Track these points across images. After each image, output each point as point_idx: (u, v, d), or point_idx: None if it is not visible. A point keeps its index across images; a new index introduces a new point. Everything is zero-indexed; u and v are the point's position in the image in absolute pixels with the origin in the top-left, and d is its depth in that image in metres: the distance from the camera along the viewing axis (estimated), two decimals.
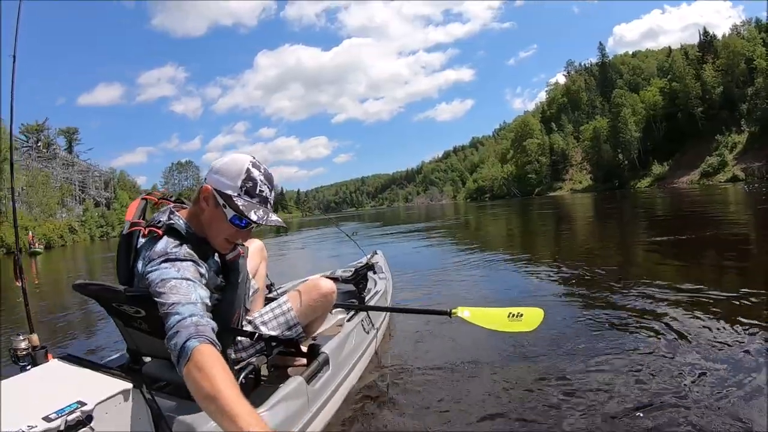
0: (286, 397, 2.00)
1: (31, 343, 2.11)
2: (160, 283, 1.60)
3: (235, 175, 1.81)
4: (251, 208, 1.80)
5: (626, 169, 78.65)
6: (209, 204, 1.82)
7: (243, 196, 1.80)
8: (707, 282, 4.64)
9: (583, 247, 9.51)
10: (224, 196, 1.79)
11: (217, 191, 1.80)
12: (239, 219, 1.81)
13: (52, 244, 48.40)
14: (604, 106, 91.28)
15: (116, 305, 1.91)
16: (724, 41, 70.92)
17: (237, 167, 1.82)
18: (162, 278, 1.61)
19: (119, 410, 1.50)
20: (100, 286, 1.90)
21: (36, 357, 2.08)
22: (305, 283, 2.55)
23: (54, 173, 67.83)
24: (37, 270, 19.21)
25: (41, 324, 5.92)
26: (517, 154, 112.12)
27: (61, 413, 1.35)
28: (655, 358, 2.92)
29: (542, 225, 17.95)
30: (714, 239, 8.21)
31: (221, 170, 1.83)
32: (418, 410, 2.55)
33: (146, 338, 1.98)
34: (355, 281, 3.61)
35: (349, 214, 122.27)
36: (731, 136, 63.49)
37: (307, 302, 2.39)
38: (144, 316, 1.83)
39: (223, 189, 1.79)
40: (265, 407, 1.88)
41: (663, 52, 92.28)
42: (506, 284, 5.94)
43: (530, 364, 3.06)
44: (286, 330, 2.32)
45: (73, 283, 1.96)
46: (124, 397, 1.52)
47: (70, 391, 1.48)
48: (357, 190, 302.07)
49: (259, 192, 1.84)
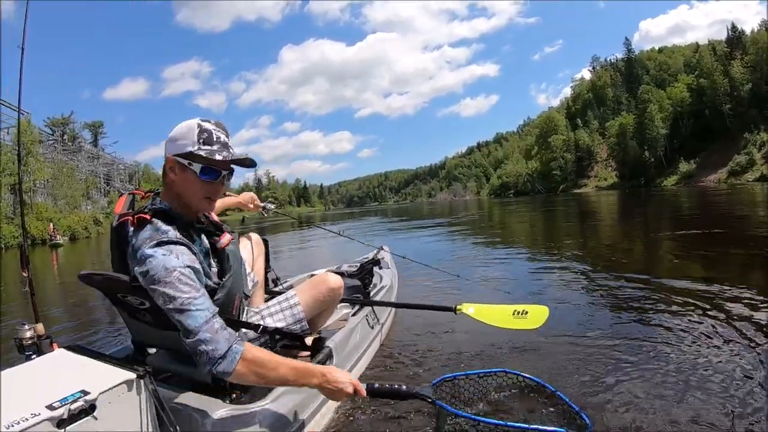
0: (290, 390, 2.00)
1: (36, 333, 2.15)
2: (163, 272, 1.62)
3: (188, 132, 1.84)
4: (214, 153, 1.82)
5: (652, 167, 77.28)
6: (176, 172, 1.84)
7: (203, 147, 1.82)
8: (732, 286, 4.56)
9: (605, 248, 9.23)
10: (186, 155, 1.82)
11: (178, 155, 1.82)
12: (208, 171, 1.84)
13: (76, 236, 48.89)
14: (630, 102, 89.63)
15: (121, 296, 1.92)
16: (753, 37, 69.23)
17: (187, 127, 1.85)
18: (165, 267, 1.63)
19: (122, 400, 1.51)
20: (105, 276, 1.91)
21: (41, 346, 2.13)
22: (313, 278, 2.59)
23: (79, 166, 68.42)
24: (58, 262, 18.72)
25: (53, 315, 6.15)
26: (541, 150, 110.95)
27: (64, 402, 1.36)
28: (655, 358, 2.95)
29: (565, 222, 17.72)
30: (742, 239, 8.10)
31: (174, 136, 1.85)
32: (422, 405, 2.49)
33: (151, 329, 2.00)
34: (360, 276, 3.66)
35: (372, 208, 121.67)
36: (760, 134, 61.82)
37: (314, 296, 2.43)
38: (148, 308, 1.83)
39: (183, 150, 1.82)
40: (268, 399, 1.91)
41: (690, 48, 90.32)
42: (517, 281, 5.87)
43: (536, 361, 3.08)
44: (292, 323, 2.33)
45: (78, 274, 1.97)
46: (128, 387, 1.53)
47: (74, 380, 1.49)
48: (380, 185, 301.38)
49: (216, 139, 1.86)
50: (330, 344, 2.51)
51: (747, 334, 3.26)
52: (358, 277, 3.66)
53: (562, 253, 8.19)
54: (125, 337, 2.67)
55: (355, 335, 2.90)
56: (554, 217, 20.85)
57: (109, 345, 3.72)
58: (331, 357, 2.46)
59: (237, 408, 1.83)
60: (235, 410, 1.81)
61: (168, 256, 1.66)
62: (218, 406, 1.80)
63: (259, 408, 1.85)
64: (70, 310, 6.58)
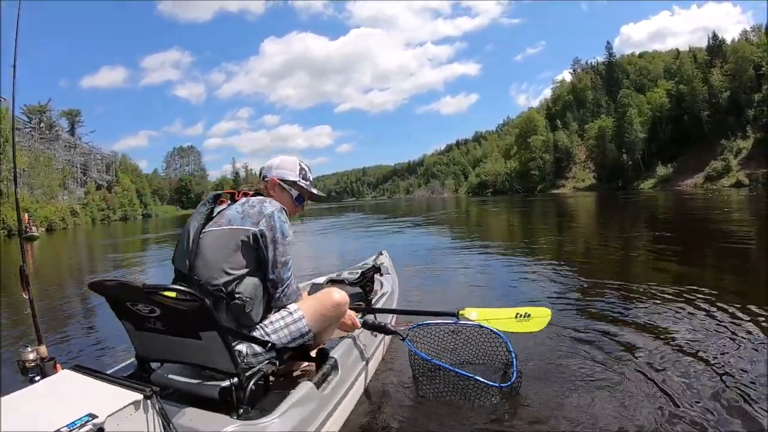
0: (297, 404, 2.03)
1: (39, 355, 2.13)
2: (282, 236, 2.31)
3: (294, 167, 2.67)
4: (311, 186, 2.72)
5: (630, 170, 78.15)
6: (276, 191, 2.61)
7: (301, 180, 2.67)
8: (709, 285, 4.77)
9: (584, 246, 9.51)
10: (289, 182, 2.63)
11: (282, 180, 2.62)
12: (300, 198, 2.66)
13: (53, 227, 48.24)
14: (609, 105, 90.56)
15: (131, 304, 1.97)
16: (733, 46, 70.43)
17: (292, 163, 2.69)
18: (284, 233, 2.32)
19: (130, 421, 1.49)
20: (118, 283, 1.98)
21: (44, 368, 2.10)
22: (318, 294, 2.61)
23: (56, 155, 67.58)
24: (33, 257, 17.51)
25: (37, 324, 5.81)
26: (520, 150, 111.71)
27: (72, 426, 1.33)
28: (653, 360, 3.01)
29: (543, 222, 17.93)
30: (718, 242, 8.27)
31: (281, 166, 2.66)
32: (429, 412, 2.60)
33: (158, 339, 2.06)
34: (361, 284, 3.62)
35: (350, 204, 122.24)
36: (737, 141, 63.22)
37: (319, 312, 2.44)
38: (158, 315, 1.93)
39: (287, 177, 2.63)
40: (276, 414, 1.91)
41: (670, 54, 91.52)
42: (508, 281, 6.02)
43: (542, 365, 3.10)
44: (297, 338, 2.35)
45: (89, 282, 2.02)
46: (135, 407, 1.52)
47: (80, 403, 1.47)
48: (358, 180, 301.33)
49: (309, 177, 2.73)
50: (334, 355, 2.52)
51: (740, 330, 3.45)
52: (359, 284, 3.61)
53: (541, 249, 8.37)
54: (126, 353, 2.63)
55: (358, 344, 2.89)
56: (532, 216, 21.56)
57: (111, 362, 3.56)
58: (336, 368, 2.46)
59: (245, 424, 1.83)
60: (244, 426, 1.82)
61: (286, 225, 2.36)
62: (226, 422, 1.81)
63: (267, 422, 1.86)
64: (54, 317, 6.16)
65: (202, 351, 2.00)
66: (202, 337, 1.94)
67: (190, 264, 2.24)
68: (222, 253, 2.24)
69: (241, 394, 1.97)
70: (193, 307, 1.85)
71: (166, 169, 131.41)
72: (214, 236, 2.29)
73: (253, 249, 2.27)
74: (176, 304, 1.86)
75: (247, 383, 2.01)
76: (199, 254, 2.26)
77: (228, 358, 1.96)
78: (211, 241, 2.29)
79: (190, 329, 1.95)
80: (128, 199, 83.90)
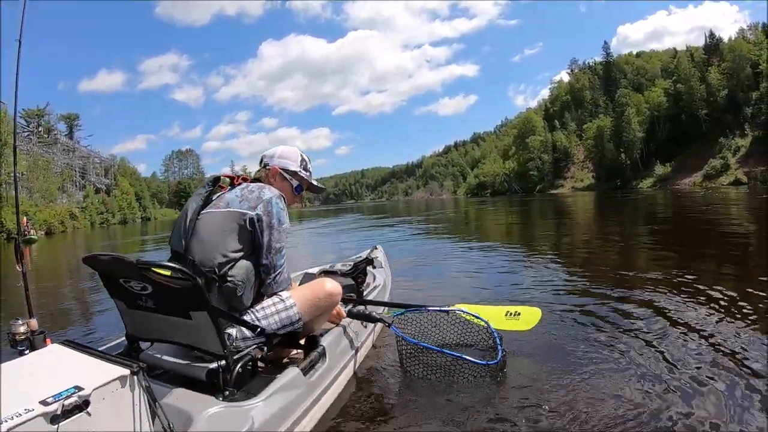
0: (282, 388, 2.05)
1: (29, 328, 2.16)
2: (278, 222, 2.34)
3: (295, 158, 2.71)
4: (311, 177, 2.76)
5: (628, 169, 78.28)
6: (276, 179, 2.63)
7: (302, 171, 2.71)
8: (710, 283, 4.65)
9: (583, 245, 9.49)
10: (290, 172, 2.67)
11: (283, 170, 2.65)
12: (299, 188, 2.70)
13: (52, 230, 48.19)
14: (607, 105, 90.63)
15: (124, 281, 2.01)
16: (730, 45, 70.53)
17: (294, 153, 2.72)
18: (280, 219, 2.35)
19: (116, 396, 1.49)
20: (112, 257, 1.99)
21: (34, 341, 2.14)
22: (311, 283, 2.65)
23: (55, 159, 67.56)
24: (31, 259, 16.53)
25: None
26: (519, 151, 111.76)
27: (58, 397, 1.34)
28: (651, 360, 2.91)
29: (541, 222, 17.91)
30: (717, 240, 8.25)
31: (284, 155, 2.69)
32: (414, 402, 2.58)
33: (149, 317, 2.09)
34: (354, 275, 3.63)
35: (348, 206, 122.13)
36: (735, 139, 63.42)
37: (312, 301, 2.46)
38: (150, 293, 1.98)
39: (288, 167, 2.67)
40: (261, 397, 1.93)
41: (667, 53, 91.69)
42: (502, 280, 5.94)
43: (527, 360, 3.06)
44: (287, 325, 2.35)
45: (83, 257, 2.06)
46: (121, 383, 1.51)
47: (67, 376, 1.48)
48: (357, 182, 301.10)
49: (309, 168, 2.78)
50: (323, 343, 2.55)
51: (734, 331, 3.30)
52: (351, 276, 3.62)
53: (540, 250, 8.34)
54: (117, 333, 2.64)
55: (348, 334, 2.91)
56: (530, 216, 21.33)
57: (101, 341, 3.63)
58: (324, 356, 2.49)
59: (230, 405, 1.86)
60: (228, 407, 1.84)
61: (283, 213, 2.39)
62: (211, 403, 1.83)
63: (252, 405, 1.89)
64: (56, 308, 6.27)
65: (192, 331, 2.02)
66: (192, 316, 1.97)
67: (186, 244, 2.26)
68: (218, 235, 2.26)
69: (227, 377, 1.99)
70: (186, 285, 1.87)
71: (165, 172, 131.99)
72: (212, 218, 2.32)
73: (248, 232, 2.28)
74: (169, 282, 1.88)
75: (234, 366, 2.02)
76: (195, 235, 2.29)
77: (217, 339, 1.98)
78: (208, 222, 2.31)
79: (181, 308, 1.97)
80: (127, 202, 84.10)
